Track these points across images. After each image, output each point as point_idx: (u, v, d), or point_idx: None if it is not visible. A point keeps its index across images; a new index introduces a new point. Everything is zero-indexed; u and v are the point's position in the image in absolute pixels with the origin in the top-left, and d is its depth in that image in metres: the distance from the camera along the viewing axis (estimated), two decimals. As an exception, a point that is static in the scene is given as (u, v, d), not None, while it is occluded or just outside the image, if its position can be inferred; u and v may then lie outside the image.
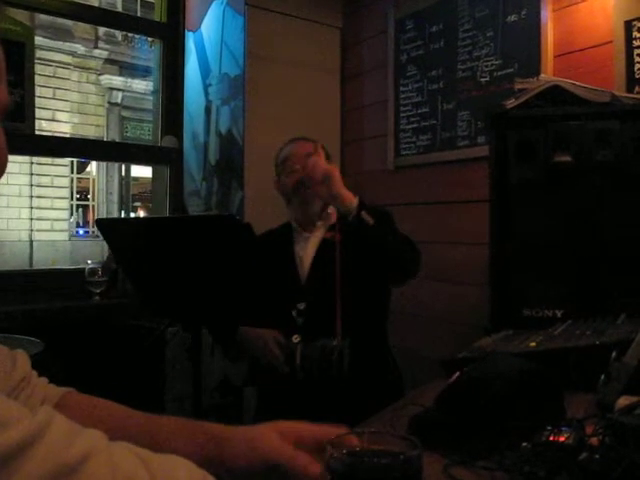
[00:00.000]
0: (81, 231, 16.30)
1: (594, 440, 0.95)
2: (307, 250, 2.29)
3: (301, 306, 2.12)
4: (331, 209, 2.28)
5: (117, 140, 15.37)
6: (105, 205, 16.32)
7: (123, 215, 16.00)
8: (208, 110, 3.55)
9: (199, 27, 3.63)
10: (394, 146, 3.30)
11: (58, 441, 0.51)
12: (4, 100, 0.69)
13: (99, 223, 1.91)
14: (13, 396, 0.87)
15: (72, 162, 15.55)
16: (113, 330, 2.99)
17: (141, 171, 16.43)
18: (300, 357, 2.02)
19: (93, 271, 3.21)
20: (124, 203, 16.82)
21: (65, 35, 14.66)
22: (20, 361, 0.93)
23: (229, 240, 1.64)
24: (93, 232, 15.41)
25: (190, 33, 3.72)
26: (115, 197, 16.55)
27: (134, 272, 2.01)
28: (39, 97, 12.05)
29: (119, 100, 16.38)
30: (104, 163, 15.76)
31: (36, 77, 3.14)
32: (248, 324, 2.12)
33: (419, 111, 3.16)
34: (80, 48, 15.31)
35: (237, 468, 0.78)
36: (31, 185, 14.22)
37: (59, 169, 14.98)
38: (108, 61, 16.10)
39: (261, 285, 1.65)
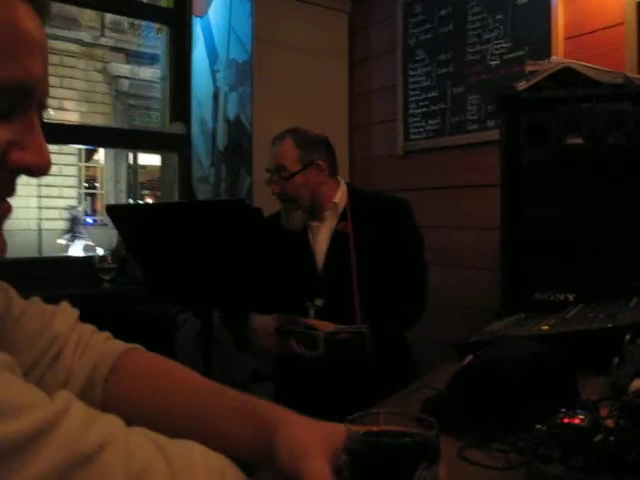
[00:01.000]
0: (89, 219, 16.34)
1: (609, 422, 0.94)
2: (320, 242, 2.27)
3: (319, 302, 2.11)
4: (337, 198, 2.26)
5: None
6: (113, 193, 16.33)
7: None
8: (216, 96, 3.54)
9: (206, 12, 3.61)
10: (403, 131, 3.28)
11: (75, 429, 0.51)
12: (31, 77, 0.63)
13: (109, 210, 1.91)
14: (44, 359, 0.85)
15: (80, 150, 15.55)
16: (123, 317, 3.00)
17: (149, 159, 16.42)
18: (324, 345, 1.99)
19: (103, 258, 3.22)
20: (132, 191, 16.81)
21: (71, 24, 14.62)
22: (59, 318, 0.90)
23: (239, 225, 1.63)
24: (101, 220, 15.44)
25: (197, 19, 3.71)
26: (123, 185, 16.56)
27: (144, 258, 2.01)
28: (46, 86, 12.05)
29: (126, 88, 16.35)
30: (112, 151, 15.77)
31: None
32: (259, 310, 2.12)
33: (428, 95, 3.15)
34: (86, 36, 15.28)
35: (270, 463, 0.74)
36: (39, 174, 14.21)
37: (67, 158, 14.99)
38: (114, 49, 16.06)
39: (274, 272, 1.65)
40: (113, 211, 1.93)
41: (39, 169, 0.65)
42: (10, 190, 0.65)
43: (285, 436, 0.73)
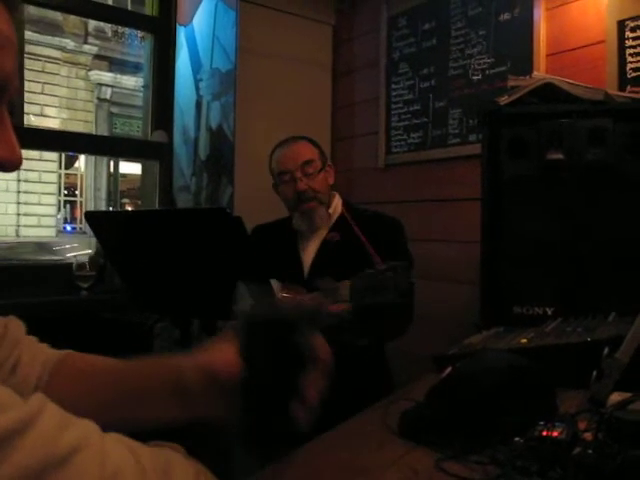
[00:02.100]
0: (68, 227, 16.23)
1: (587, 435, 0.94)
2: (308, 251, 2.27)
3: None
4: (331, 209, 2.26)
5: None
6: (93, 201, 16.27)
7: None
8: (199, 105, 3.53)
9: (191, 21, 3.61)
10: (385, 144, 3.29)
11: (49, 431, 0.50)
12: (7, 69, 0.63)
13: (88, 216, 1.89)
14: (5, 367, 0.85)
15: (60, 157, 15.48)
16: (100, 324, 2.97)
17: (129, 167, 16.38)
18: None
19: (81, 265, 3.19)
20: (112, 199, 16.75)
21: (55, 30, 14.59)
22: (12, 327, 0.90)
23: (220, 234, 1.62)
24: (80, 228, 15.35)
25: (181, 27, 3.70)
26: (103, 193, 16.50)
27: (123, 266, 1.99)
28: (28, 92, 12.00)
29: (108, 96, 16.33)
30: (92, 159, 15.71)
31: (25, 71, 3.12)
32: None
33: (410, 109, 3.16)
34: (70, 43, 15.25)
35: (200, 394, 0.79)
36: (18, 180, 14.14)
37: (47, 164, 14.91)
38: (97, 57, 16.05)
39: (257, 279, 1.63)
40: (92, 218, 1.91)
41: (10, 164, 0.65)
42: None
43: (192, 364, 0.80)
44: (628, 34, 2.25)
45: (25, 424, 0.48)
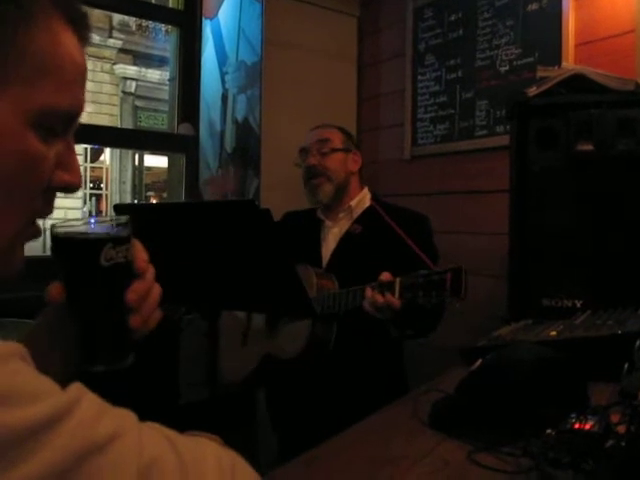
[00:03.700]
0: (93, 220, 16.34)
1: (620, 428, 0.94)
2: (329, 242, 2.27)
3: None
4: (354, 202, 2.27)
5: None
6: (118, 194, 16.36)
7: (136, 204, 16.02)
8: (225, 98, 3.54)
9: (216, 14, 3.62)
10: (411, 135, 3.28)
11: (87, 418, 0.51)
12: (79, 104, 0.69)
13: (117, 208, 1.90)
14: None
15: (86, 151, 15.59)
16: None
17: (154, 161, 16.47)
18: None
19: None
20: (137, 192, 16.85)
21: (80, 24, 14.67)
22: None
23: (248, 226, 1.63)
24: (106, 221, 15.43)
25: (207, 20, 3.71)
26: (128, 186, 16.59)
27: (151, 259, 2.00)
28: (54, 86, 12.07)
29: (133, 89, 16.41)
30: (117, 152, 15.80)
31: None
32: (266, 311, 2.11)
33: (437, 100, 3.15)
34: (94, 37, 15.32)
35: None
36: (45, 174, 14.25)
37: (73, 158, 15.02)
38: (122, 50, 16.13)
39: (284, 271, 1.64)
40: (121, 210, 1.93)
41: (74, 188, 0.70)
42: (50, 209, 0.70)
43: None
44: (659, 23, 2.22)
45: (64, 411, 0.49)
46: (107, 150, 15.64)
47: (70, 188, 0.70)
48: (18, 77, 0.61)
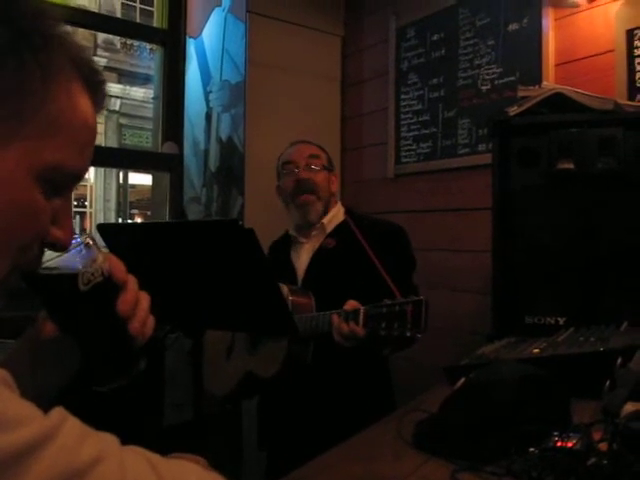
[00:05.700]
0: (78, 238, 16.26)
1: (602, 446, 0.95)
2: (301, 259, 2.25)
3: None
4: (327, 219, 2.25)
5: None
6: (102, 212, 16.31)
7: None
8: (209, 117, 3.55)
9: (200, 34, 3.63)
10: (394, 154, 3.29)
11: (69, 443, 0.51)
12: (85, 167, 0.71)
13: (100, 228, 1.90)
14: None
15: (69, 169, 15.53)
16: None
17: (139, 178, 16.43)
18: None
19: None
20: (121, 210, 16.80)
21: (64, 42, 14.65)
22: None
23: (232, 246, 1.63)
24: (90, 239, 15.36)
25: (191, 40, 3.73)
26: (113, 204, 16.55)
27: (135, 278, 1.99)
28: (37, 104, 12.02)
29: (117, 107, 16.40)
30: (102, 170, 15.75)
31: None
32: (250, 330, 2.10)
33: (420, 119, 3.17)
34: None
35: None
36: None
37: (57, 176, 14.96)
38: (107, 68, 16.12)
39: (267, 291, 1.64)
40: (105, 230, 1.92)
41: (62, 246, 0.72)
42: (38, 263, 0.71)
43: None
44: (637, 43, 2.25)
45: (46, 437, 0.49)
46: (91, 168, 15.61)
47: (59, 246, 0.71)
48: (32, 131, 0.62)
